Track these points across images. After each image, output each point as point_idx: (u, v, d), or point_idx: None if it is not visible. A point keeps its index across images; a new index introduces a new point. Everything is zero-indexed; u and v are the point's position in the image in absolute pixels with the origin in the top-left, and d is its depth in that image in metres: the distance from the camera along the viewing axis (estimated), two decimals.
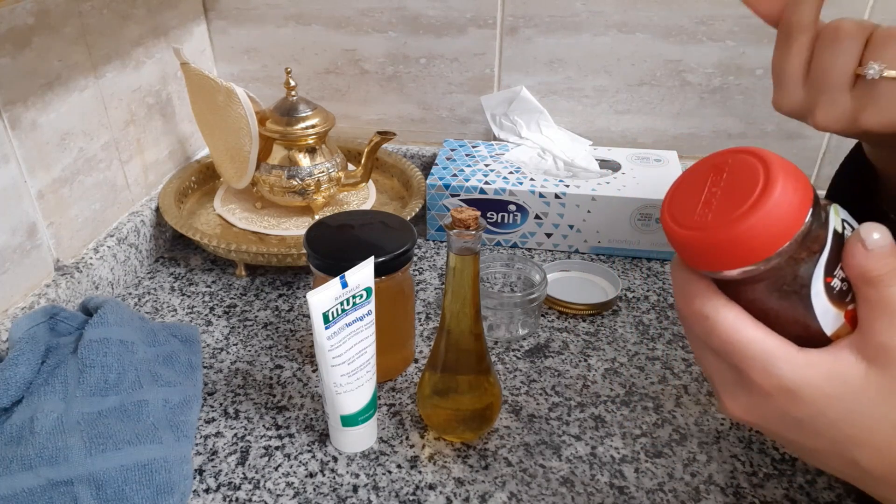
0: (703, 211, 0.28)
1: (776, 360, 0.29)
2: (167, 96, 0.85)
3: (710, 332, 0.30)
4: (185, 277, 0.78)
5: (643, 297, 0.74)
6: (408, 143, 0.97)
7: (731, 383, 0.31)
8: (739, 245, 0.27)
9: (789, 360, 0.29)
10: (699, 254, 0.28)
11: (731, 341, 0.29)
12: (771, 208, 0.26)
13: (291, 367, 0.65)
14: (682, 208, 0.29)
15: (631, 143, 0.92)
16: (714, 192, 0.28)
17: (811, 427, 0.30)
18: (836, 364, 0.29)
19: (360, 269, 0.50)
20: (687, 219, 0.28)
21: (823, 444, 0.30)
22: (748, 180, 0.27)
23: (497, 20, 0.87)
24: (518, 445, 0.56)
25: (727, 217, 0.27)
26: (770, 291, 0.28)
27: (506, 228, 0.82)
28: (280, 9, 0.90)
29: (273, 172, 0.78)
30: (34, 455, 0.48)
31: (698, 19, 0.83)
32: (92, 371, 0.54)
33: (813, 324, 0.29)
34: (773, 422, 0.31)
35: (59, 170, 0.67)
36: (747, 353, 0.29)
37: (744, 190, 0.27)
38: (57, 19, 0.65)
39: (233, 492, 0.52)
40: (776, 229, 0.26)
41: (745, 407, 0.31)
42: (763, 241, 0.26)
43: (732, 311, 0.29)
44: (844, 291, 0.29)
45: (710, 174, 0.29)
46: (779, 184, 0.26)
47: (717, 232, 0.27)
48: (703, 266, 0.29)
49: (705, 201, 0.28)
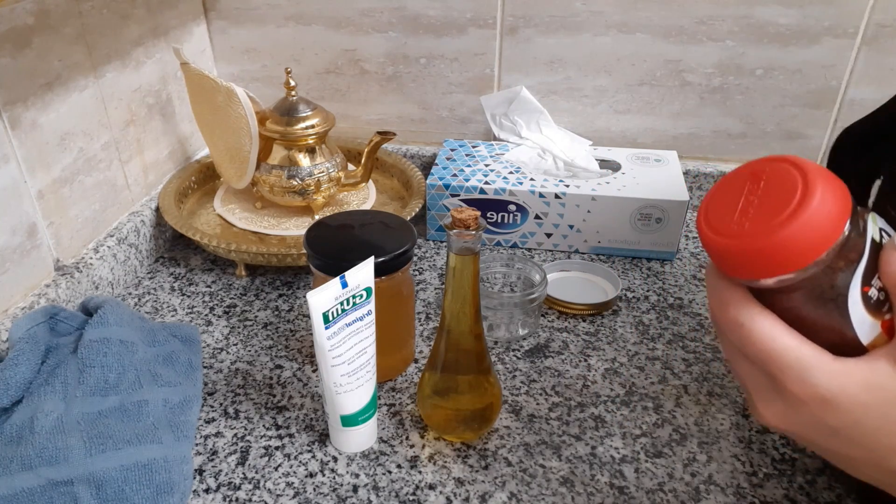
0: (740, 219, 0.28)
1: (812, 368, 0.29)
2: (167, 96, 0.85)
3: (745, 340, 0.30)
4: (185, 277, 0.78)
5: (643, 297, 0.74)
6: (408, 143, 0.97)
7: (765, 390, 0.31)
8: (777, 254, 0.26)
9: (825, 368, 0.29)
10: (736, 262, 0.28)
11: (766, 349, 0.29)
12: (809, 217, 0.26)
13: (291, 367, 0.65)
14: (719, 216, 0.29)
15: (631, 143, 0.92)
16: (751, 200, 0.28)
17: (847, 436, 0.30)
18: (872, 373, 0.28)
19: (360, 269, 0.50)
20: (724, 227, 0.28)
21: (860, 452, 0.30)
22: (786, 189, 0.27)
23: (497, 20, 0.87)
24: (518, 445, 0.56)
25: (765, 225, 0.26)
26: (806, 300, 0.28)
27: (506, 228, 0.82)
28: (280, 9, 0.90)
29: (273, 172, 0.78)
30: (34, 455, 0.48)
31: (698, 19, 0.83)
32: (92, 371, 0.54)
33: (849, 333, 0.29)
34: (808, 430, 0.31)
35: (59, 170, 0.67)
36: (783, 362, 0.29)
37: (782, 198, 0.26)
38: (57, 19, 0.65)
39: (233, 492, 0.52)
40: (814, 238, 0.26)
41: (780, 415, 0.31)
42: (801, 250, 0.26)
43: (768, 319, 0.29)
44: (882, 301, 0.29)
45: (747, 182, 0.29)
46: (818, 193, 0.26)
47: (754, 240, 0.27)
48: (740, 274, 0.29)
49: (742, 209, 0.28)
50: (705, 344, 0.67)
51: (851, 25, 0.80)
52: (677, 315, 0.71)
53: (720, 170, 0.89)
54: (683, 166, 0.88)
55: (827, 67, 0.83)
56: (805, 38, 0.82)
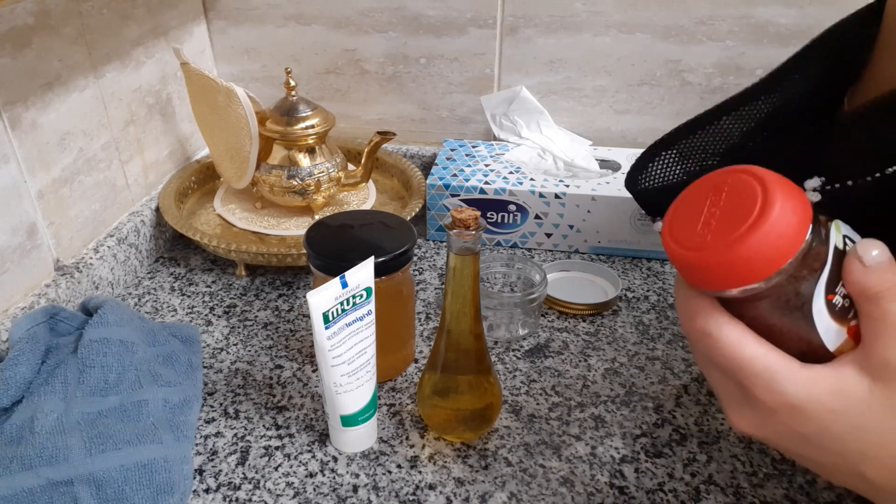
0: (703, 231, 0.28)
1: (779, 376, 0.29)
2: (167, 96, 0.85)
3: (713, 349, 0.30)
4: (185, 277, 0.78)
5: (643, 297, 0.74)
6: (408, 143, 0.97)
7: (736, 400, 0.31)
8: (740, 265, 0.27)
9: (792, 376, 0.29)
10: (700, 273, 0.28)
11: (733, 358, 0.29)
12: (769, 228, 0.26)
13: (291, 367, 0.65)
14: (683, 228, 0.29)
15: (631, 143, 0.92)
16: (713, 212, 0.28)
17: (817, 442, 0.30)
18: (839, 380, 0.29)
19: (360, 269, 0.50)
20: (688, 239, 0.29)
21: (830, 458, 0.30)
22: (746, 200, 0.27)
23: (497, 20, 0.87)
24: (518, 445, 0.56)
25: (727, 237, 0.27)
26: (772, 309, 0.29)
27: (506, 228, 0.82)
28: (280, 9, 0.90)
29: (273, 172, 0.78)
30: (34, 455, 0.48)
31: (698, 19, 0.83)
32: (92, 371, 0.54)
33: (815, 340, 0.29)
34: (779, 437, 0.31)
35: (59, 170, 0.67)
36: (751, 371, 0.29)
37: (742, 210, 0.27)
38: (57, 19, 0.65)
39: (233, 492, 0.52)
40: (776, 249, 0.26)
41: (751, 423, 0.31)
42: (763, 261, 0.27)
43: (735, 328, 0.29)
44: (846, 308, 0.29)
45: (709, 194, 0.29)
46: (777, 204, 0.26)
47: (717, 252, 0.27)
48: (705, 285, 0.29)
49: (705, 221, 0.28)
50: None
51: None
52: (677, 315, 0.71)
53: None
54: None
55: None
56: (805, 38, 0.81)
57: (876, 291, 0.28)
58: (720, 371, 0.31)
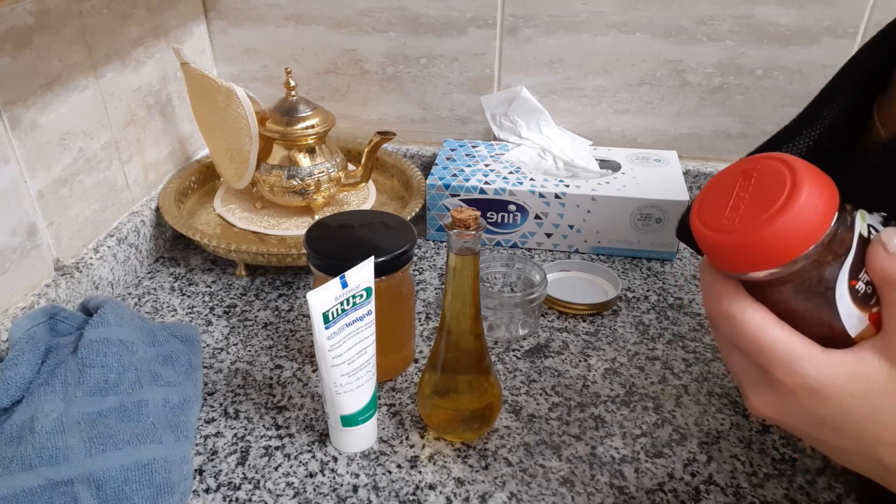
0: (731, 214, 0.29)
1: (800, 359, 0.29)
2: (167, 96, 0.85)
3: (736, 332, 0.31)
4: (185, 277, 0.78)
5: (643, 297, 0.74)
6: (408, 143, 0.97)
7: (756, 382, 0.32)
8: (766, 247, 0.27)
9: (813, 359, 0.29)
10: (727, 256, 0.29)
11: (756, 341, 0.30)
12: (797, 212, 0.27)
13: (291, 367, 0.65)
14: (712, 212, 0.30)
15: (631, 143, 0.92)
16: (742, 196, 0.29)
17: (835, 425, 0.30)
18: (859, 364, 0.29)
19: (360, 269, 0.50)
20: (716, 222, 0.29)
21: (848, 442, 0.31)
22: (775, 185, 0.28)
23: (497, 20, 0.87)
24: (518, 445, 0.56)
25: (755, 220, 0.27)
26: (796, 293, 0.29)
27: (506, 228, 0.82)
28: (280, 9, 0.90)
29: (273, 172, 0.78)
30: (34, 455, 0.48)
31: (698, 19, 0.83)
32: (92, 371, 0.54)
33: (837, 325, 0.29)
34: (797, 420, 0.31)
35: (59, 170, 0.67)
36: (773, 353, 0.30)
37: (771, 194, 0.27)
38: (57, 19, 0.65)
39: (233, 492, 0.52)
40: (802, 233, 0.27)
41: (770, 405, 0.32)
42: (789, 244, 0.27)
43: (759, 311, 0.30)
44: (869, 294, 0.29)
45: (738, 179, 0.30)
46: (805, 189, 0.27)
47: (744, 235, 0.28)
48: (731, 268, 0.30)
49: (734, 205, 0.29)
50: (705, 344, 0.67)
51: (851, 25, 0.80)
52: (677, 315, 0.71)
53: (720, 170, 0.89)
54: (683, 166, 0.88)
55: (827, 67, 0.83)
56: (805, 38, 0.82)
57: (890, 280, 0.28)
58: (742, 354, 0.32)
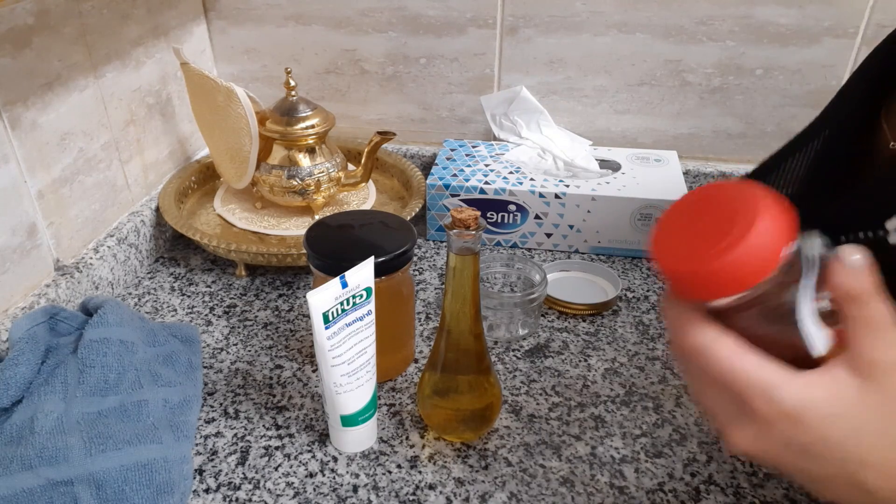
0: (692, 243, 0.29)
1: (775, 386, 0.29)
2: (167, 96, 0.85)
3: (708, 363, 0.30)
4: (185, 277, 0.78)
5: (643, 297, 0.74)
6: (408, 143, 0.97)
7: (734, 416, 0.31)
8: (728, 275, 0.28)
9: (788, 384, 0.29)
10: (690, 285, 0.29)
11: (730, 370, 0.29)
12: (756, 238, 0.27)
13: (291, 367, 0.65)
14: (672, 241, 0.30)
15: (631, 143, 0.92)
16: (703, 223, 0.29)
17: (817, 451, 0.30)
18: (833, 383, 0.29)
19: (360, 269, 0.50)
20: (677, 251, 0.29)
21: (830, 468, 0.30)
22: (734, 212, 0.28)
23: (497, 20, 0.87)
24: (518, 445, 0.56)
25: (718, 247, 0.28)
26: (761, 317, 0.29)
27: (506, 228, 0.82)
28: (280, 9, 0.90)
29: (273, 172, 0.78)
30: (34, 455, 0.48)
31: (698, 19, 0.83)
32: (92, 371, 0.54)
33: (804, 345, 0.30)
34: (780, 450, 0.31)
35: (59, 170, 0.67)
36: (748, 382, 0.29)
37: (732, 220, 0.28)
38: (57, 19, 0.65)
39: (233, 492, 0.52)
40: (762, 258, 0.27)
41: (751, 438, 0.31)
42: (751, 270, 0.27)
43: (729, 340, 0.30)
44: (832, 312, 0.29)
45: (696, 207, 0.30)
46: (763, 214, 0.27)
47: (706, 263, 0.28)
48: (696, 296, 0.30)
49: (694, 233, 0.29)
50: None
51: (851, 25, 0.80)
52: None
53: (720, 170, 0.89)
54: (683, 166, 0.88)
55: (827, 67, 0.83)
56: (805, 38, 0.82)
57: (858, 293, 0.28)
58: (716, 388, 0.31)
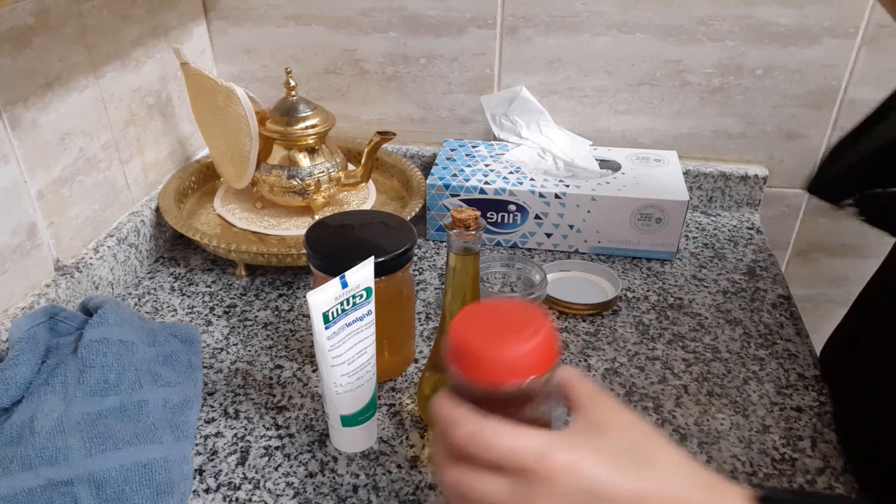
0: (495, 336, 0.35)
1: (546, 446, 0.33)
2: (167, 96, 0.85)
3: (484, 444, 0.34)
4: (185, 277, 0.78)
5: (643, 297, 0.74)
6: (408, 143, 0.97)
7: (520, 496, 0.34)
8: (523, 365, 0.35)
9: (556, 442, 0.34)
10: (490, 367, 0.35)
11: (501, 443, 0.34)
12: (548, 341, 0.35)
13: (291, 367, 0.65)
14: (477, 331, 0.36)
15: (631, 143, 0.92)
16: (501, 325, 0.36)
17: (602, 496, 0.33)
18: (587, 437, 0.35)
19: (360, 269, 0.50)
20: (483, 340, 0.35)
21: None
22: (526, 320, 0.36)
23: (497, 20, 0.87)
24: None
25: (517, 344, 0.35)
26: (524, 403, 0.36)
27: (506, 228, 0.82)
28: (280, 9, 0.90)
29: (273, 172, 0.78)
30: (34, 455, 0.48)
31: (698, 19, 0.83)
32: (92, 371, 0.54)
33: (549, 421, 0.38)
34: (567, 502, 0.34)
35: (59, 170, 0.67)
36: (521, 449, 0.33)
37: (524, 325, 0.35)
38: (57, 19, 0.65)
39: (233, 492, 0.52)
40: (548, 356, 0.35)
41: None
42: (539, 363, 0.35)
43: (494, 421, 0.34)
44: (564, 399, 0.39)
45: (499, 310, 0.37)
46: (551, 329, 0.36)
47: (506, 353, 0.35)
48: (489, 379, 0.35)
49: (496, 330, 0.36)
50: (705, 344, 0.67)
51: (851, 25, 0.80)
52: (677, 315, 0.71)
53: (720, 170, 0.89)
54: (683, 166, 0.88)
55: (827, 67, 0.83)
56: (805, 38, 0.82)
57: (576, 383, 0.37)
58: (494, 474, 0.34)
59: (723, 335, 0.68)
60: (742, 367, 0.64)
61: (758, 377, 0.63)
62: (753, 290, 0.75)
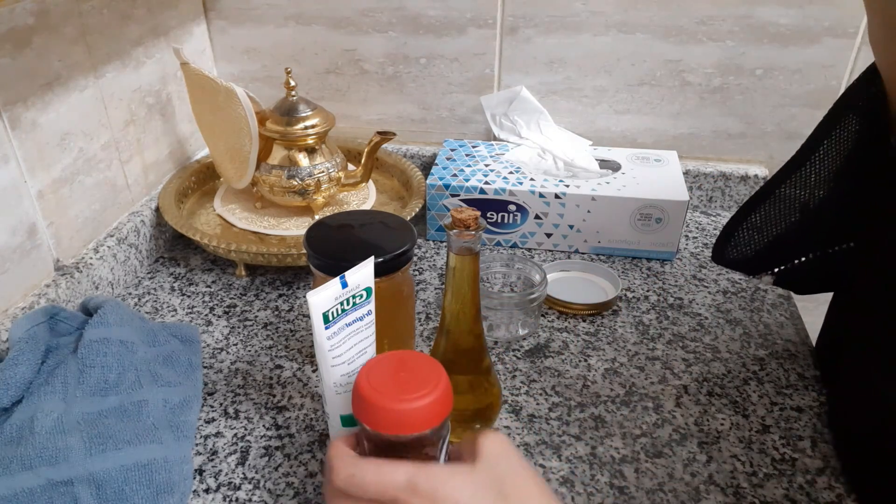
0: (396, 387, 0.41)
1: (412, 475, 0.37)
2: (167, 96, 0.85)
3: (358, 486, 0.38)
4: (185, 277, 0.78)
5: (643, 297, 0.74)
6: (408, 143, 0.97)
7: None
8: (420, 417, 0.40)
9: (420, 473, 0.38)
10: (389, 417, 0.40)
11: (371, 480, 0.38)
12: (444, 397, 0.41)
13: (291, 367, 0.65)
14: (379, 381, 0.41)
15: (631, 143, 0.92)
16: (403, 377, 0.41)
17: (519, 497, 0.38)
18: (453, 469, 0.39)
19: (360, 269, 0.50)
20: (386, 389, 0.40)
21: None
22: (427, 376, 0.41)
23: (497, 20, 0.87)
24: (518, 445, 0.56)
25: (418, 397, 0.40)
26: (422, 448, 0.42)
27: (506, 228, 0.82)
28: (280, 9, 0.90)
29: (273, 172, 0.78)
30: (34, 455, 0.48)
31: (698, 19, 0.83)
32: (92, 371, 0.54)
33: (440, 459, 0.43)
34: None
35: (59, 170, 0.67)
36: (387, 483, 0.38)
37: (425, 381, 0.41)
38: (57, 19, 0.65)
39: (233, 492, 0.52)
40: (442, 410, 0.41)
41: None
42: (434, 416, 0.41)
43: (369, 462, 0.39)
44: None
45: (400, 363, 0.43)
46: (447, 385, 0.42)
47: (406, 404, 0.40)
48: (389, 429, 0.40)
49: (397, 381, 0.41)
50: (705, 344, 0.67)
51: (851, 25, 0.80)
52: (677, 315, 0.71)
53: (720, 170, 0.89)
54: (683, 166, 0.88)
55: (827, 67, 0.83)
56: (805, 38, 0.82)
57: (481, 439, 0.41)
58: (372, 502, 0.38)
59: (723, 335, 0.68)
60: (742, 367, 0.64)
61: (758, 377, 0.63)
62: (753, 290, 0.75)
